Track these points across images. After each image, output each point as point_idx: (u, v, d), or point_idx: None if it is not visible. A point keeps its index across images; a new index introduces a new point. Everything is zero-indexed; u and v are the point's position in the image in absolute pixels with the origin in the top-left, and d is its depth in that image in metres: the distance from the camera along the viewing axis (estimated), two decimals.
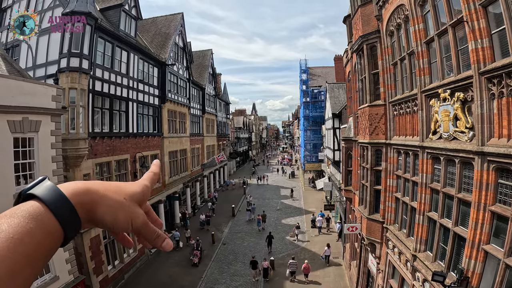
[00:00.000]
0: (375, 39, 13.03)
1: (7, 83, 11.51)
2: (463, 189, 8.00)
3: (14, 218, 0.60)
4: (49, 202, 0.65)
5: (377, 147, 13.27)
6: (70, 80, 15.83)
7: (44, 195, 0.66)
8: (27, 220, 0.60)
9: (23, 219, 0.60)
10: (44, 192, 0.67)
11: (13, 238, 0.57)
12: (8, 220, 0.59)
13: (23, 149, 12.11)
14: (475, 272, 7.05)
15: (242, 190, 45.75)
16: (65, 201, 0.68)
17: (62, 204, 0.67)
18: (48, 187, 0.68)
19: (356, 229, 16.13)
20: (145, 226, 0.82)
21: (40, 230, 0.61)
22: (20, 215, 0.61)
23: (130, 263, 20.59)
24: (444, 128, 8.58)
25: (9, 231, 0.57)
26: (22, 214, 0.61)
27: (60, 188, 0.70)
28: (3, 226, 0.58)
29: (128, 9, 21.74)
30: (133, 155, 21.88)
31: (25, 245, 0.57)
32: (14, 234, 0.57)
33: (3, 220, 0.59)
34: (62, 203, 0.67)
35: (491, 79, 6.60)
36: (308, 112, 48.12)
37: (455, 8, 7.85)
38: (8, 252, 0.55)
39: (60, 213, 0.66)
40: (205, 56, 42.58)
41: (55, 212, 0.65)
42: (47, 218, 0.64)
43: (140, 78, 23.07)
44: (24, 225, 0.59)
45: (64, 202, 0.68)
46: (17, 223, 0.59)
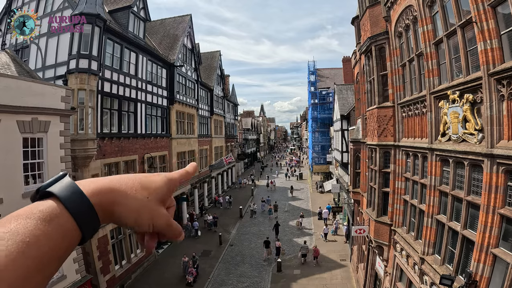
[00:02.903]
0: (384, 40, 12.95)
1: (17, 84, 11.66)
2: (472, 191, 7.90)
3: (30, 220, 0.57)
4: (67, 202, 0.63)
5: (385, 149, 13.18)
6: (79, 81, 15.99)
7: (63, 194, 0.64)
8: (44, 223, 0.58)
9: (40, 222, 0.57)
10: (63, 191, 0.64)
11: (29, 242, 0.54)
12: (24, 222, 0.56)
13: (32, 149, 12.24)
14: (483, 276, 6.94)
15: (250, 192, 45.75)
16: (84, 202, 0.65)
17: (81, 205, 0.64)
18: (68, 185, 0.66)
19: (364, 231, 16.03)
20: (167, 227, 0.79)
21: (57, 233, 0.59)
22: (37, 216, 0.58)
23: (137, 263, 20.69)
24: (453, 130, 8.48)
25: (25, 234, 0.55)
26: (39, 216, 0.58)
27: (80, 186, 0.67)
28: (19, 229, 0.55)
29: (136, 11, 21.90)
30: (141, 156, 22.01)
31: (40, 249, 0.55)
32: (30, 238, 0.55)
33: (19, 221, 0.56)
34: (81, 204, 0.64)
35: (501, 81, 6.51)
36: (316, 114, 47.93)
37: (464, 9, 7.77)
38: (23, 258, 0.52)
39: (78, 214, 0.63)
40: (214, 58, 42.69)
41: (73, 213, 0.62)
42: (65, 220, 0.61)
43: (149, 80, 23.21)
44: (40, 228, 0.57)
45: (83, 202, 0.65)
46: (33, 225, 0.56)
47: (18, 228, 0.55)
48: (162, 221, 0.77)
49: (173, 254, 23.67)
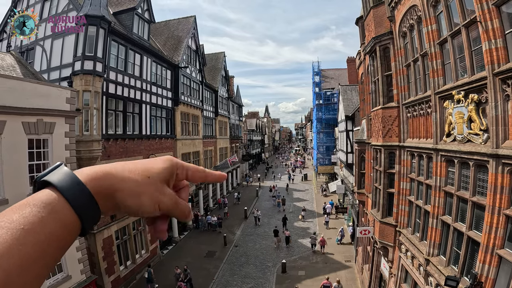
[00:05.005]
0: (388, 40, 12.91)
1: (22, 86, 11.75)
2: (477, 192, 7.85)
3: (25, 207, 0.56)
4: (63, 189, 0.61)
5: (390, 149, 13.13)
6: (84, 82, 16.08)
7: (59, 181, 0.62)
8: (38, 209, 0.57)
9: (35, 208, 0.56)
10: (59, 178, 0.62)
11: (24, 229, 0.53)
12: (19, 210, 0.56)
13: (38, 150, 12.32)
14: (488, 277, 6.89)
15: (255, 193, 45.78)
16: (81, 187, 0.63)
17: (78, 190, 0.62)
18: (63, 173, 0.64)
19: (368, 232, 15.96)
20: (175, 205, 0.76)
21: (53, 219, 0.57)
22: (32, 204, 0.57)
23: (142, 264, 20.73)
24: (458, 130, 8.43)
25: (19, 221, 0.54)
26: (34, 203, 0.57)
27: (76, 174, 0.65)
28: (14, 216, 0.55)
29: (141, 13, 21.98)
30: (146, 157, 21.95)
31: (36, 235, 0.54)
32: (24, 225, 0.54)
33: (14, 210, 0.56)
34: (77, 190, 0.62)
35: (506, 80, 6.47)
36: (321, 115, 47.89)
37: (468, 8, 7.73)
38: (18, 244, 0.51)
39: (75, 200, 0.61)
40: (218, 59, 42.77)
41: (70, 199, 0.60)
42: (61, 206, 0.59)
43: (153, 81, 23.28)
44: (35, 214, 0.56)
45: (80, 188, 0.63)
46: (28, 212, 0.56)
47: (13, 216, 0.55)
48: (168, 200, 0.74)
49: (178, 255, 23.72)
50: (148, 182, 0.71)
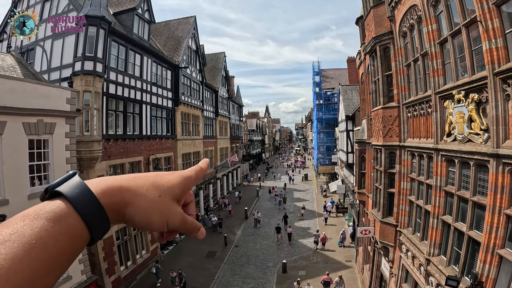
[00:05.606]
0: (388, 40, 12.91)
1: (22, 86, 11.76)
2: (478, 192, 7.84)
3: (37, 221, 0.55)
4: (76, 203, 0.60)
5: (390, 149, 13.12)
6: (84, 83, 16.08)
7: (72, 194, 0.61)
8: (51, 224, 0.55)
9: (47, 222, 0.55)
10: (72, 191, 0.62)
11: (36, 244, 0.52)
12: (30, 223, 0.54)
13: (38, 150, 12.33)
14: (489, 277, 6.88)
15: (255, 192, 45.78)
16: (94, 202, 0.62)
17: (91, 205, 0.62)
18: (77, 185, 0.63)
19: (369, 232, 15.95)
20: (183, 225, 0.76)
21: (65, 234, 0.57)
22: (44, 217, 0.56)
23: (143, 264, 20.76)
24: (459, 130, 8.43)
25: (31, 235, 0.52)
26: (46, 216, 0.56)
27: (89, 186, 0.64)
28: (26, 230, 0.53)
29: (141, 13, 21.98)
30: (146, 157, 22.09)
31: (47, 251, 0.53)
32: (36, 240, 0.52)
33: (25, 222, 0.55)
34: (90, 204, 0.62)
35: (506, 80, 6.46)
36: (321, 115, 47.88)
37: (468, 8, 7.72)
38: (29, 260, 0.50)
39: (87, 215, 0.60)
40: (218, 59, 42.76)
41: (82, 214, 0.60)
42: (73, 221, 0.59)
43: (154, 81, 23.27)
44: (47, 229, 0.55)
45: (93, 203, 0.62)
46: (40, 226, 0.54)
47: (24, 229, 0.53)
48: (176, 220, 0.74)
49: (178, 255, 23.73)
50: (159, 201, 0.71)
